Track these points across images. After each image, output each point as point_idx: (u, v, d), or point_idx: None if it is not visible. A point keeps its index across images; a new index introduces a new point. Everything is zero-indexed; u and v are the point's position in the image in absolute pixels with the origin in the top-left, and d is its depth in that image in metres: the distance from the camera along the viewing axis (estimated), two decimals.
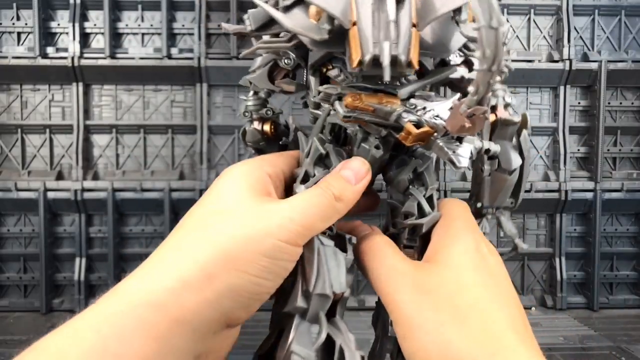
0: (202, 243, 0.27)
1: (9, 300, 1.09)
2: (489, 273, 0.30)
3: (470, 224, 0.33)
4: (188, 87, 1.10)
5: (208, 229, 0.28)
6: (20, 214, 1.10)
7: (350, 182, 0.32)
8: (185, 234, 0.29)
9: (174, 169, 1.11)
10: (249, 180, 0.31)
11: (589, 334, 0.97)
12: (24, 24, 1.08)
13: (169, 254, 0.28)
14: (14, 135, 1.10)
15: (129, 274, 0.28)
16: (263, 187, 0.31)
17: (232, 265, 0.26)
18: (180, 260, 0.27)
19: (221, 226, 0.28)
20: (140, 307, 0.24)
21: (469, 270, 0.29)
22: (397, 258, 0.32)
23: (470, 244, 0.31)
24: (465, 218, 0.34)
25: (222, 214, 0.29)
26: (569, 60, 1.08)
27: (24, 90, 1.10)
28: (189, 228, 0.29)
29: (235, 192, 0.30)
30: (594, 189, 1.10)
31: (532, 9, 1.11)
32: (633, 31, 1.13)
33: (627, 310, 1.11)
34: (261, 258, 0.27)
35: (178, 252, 0.27)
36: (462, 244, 0.31)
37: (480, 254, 0.31)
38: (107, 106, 1.10)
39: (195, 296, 0.25)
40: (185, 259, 0.26)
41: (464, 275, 0.29)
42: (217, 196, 0.30)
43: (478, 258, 0.30)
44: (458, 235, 0.32)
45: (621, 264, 1.15)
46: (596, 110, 1.10)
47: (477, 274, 0.29)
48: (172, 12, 1.09)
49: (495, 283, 0.30)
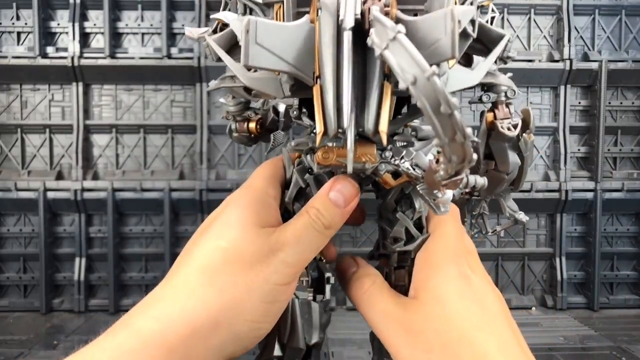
0: (211, 290, 0.28)
1: (9, 300, 1.09)
2: (474, 298, 0.30)
3: (450, 243, 0.32)
4: (188, 87, 1.10)
5: (217, 275, 0.29)
6: (20, 214, 1.10)
7: (339, 206, 0.30)
8: (196, 272, 0.29)
9: (173, 169, 1.11)
10: (254, 207, 0.31)
11: (589, 334, 0.97)
12: (24, 23, 1.08)
13: (181, 293, 0.29)
14: (14, 135, 1.10)
15: (140, 302, 0.29)
16: (268, 214, 0.32)
17: (237, 314, 0.28)
18: (191, 305, 0.28)
19: (229, 274, 0.29)
20: (154, 349, 0.26)
21: (453, 300, 0.29)
22: (387, 301, 0.31)
23: (451, 271, 0.30)
24: (446, 237, 0.33)
25: (228, 253, 0.29)
26: (569, 60, 1.08)
27: (24, 90, 1.10)
28: (198, 265, 0.29)
29: (241, 225, 0.30)
30: (595, 189, 1.10)
31: (532, 9, 1.11)
32: (633, 31, 1.13)
33: (627, 310, 1.11)
34: (260, 304, 0.29)
35: (191, 296, 0.28)
36: (442, 274, 0.30)
37: (463, 279, 0.30)
38: (107, 106, 1.10)
39: (202, 344, 0.27)
40: (195, 305, 0.28)
41: (449, 307, 0.29)
42: (223, 229, 0.31)
43: (461, 284, 0.30)
44: (438, 265, 0.31)
45: (621, 264, 1.15)
46: (596, 110, 1.10)
47: (461, 302, 0.29)
48: (172, 11, 1.09)
49: (482, 308, 0.29)
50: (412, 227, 0.35)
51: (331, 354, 0.85)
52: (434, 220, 0.34)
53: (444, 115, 0.19)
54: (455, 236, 0.33)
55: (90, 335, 0.28)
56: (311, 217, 0.30)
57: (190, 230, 1.08)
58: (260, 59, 0.24)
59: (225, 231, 0.30)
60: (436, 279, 0.30)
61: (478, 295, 0.30)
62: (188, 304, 0.28)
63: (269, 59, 0.25)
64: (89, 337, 0.28)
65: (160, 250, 1.08)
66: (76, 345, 0.28)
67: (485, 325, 0.29)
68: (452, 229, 0.33)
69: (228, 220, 0.31)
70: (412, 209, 0.35)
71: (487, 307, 0.30)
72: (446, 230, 0.33)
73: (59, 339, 0.91)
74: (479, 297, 0.30)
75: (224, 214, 0.32)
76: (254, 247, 0.29)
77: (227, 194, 1.19)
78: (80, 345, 0.27)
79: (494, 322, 0.29)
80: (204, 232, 0.31)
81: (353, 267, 0.35)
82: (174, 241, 1.08)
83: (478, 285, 0.30)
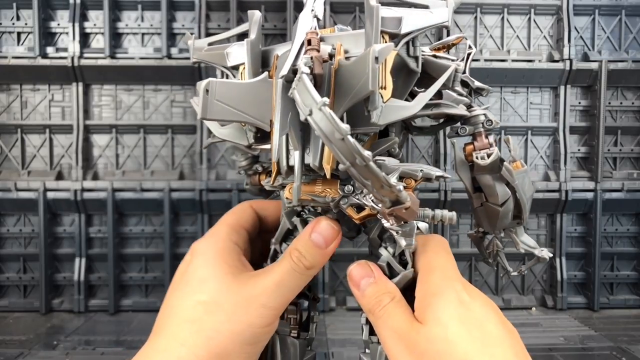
0: (199, 339, 0.31)
1: (9, 301, 1.09)
2: (475, 323, 0.30)
3: (447, 273, 0.33)
4: (188, 87, 1.10)
5: (202, 326, 0.31)
6: (20, 214, 1.10)
7: (320, 247, 0.32)
8: (182, 325, 0.32)
9: (173, 169, 1.11)
10: (222, 258, 0.34)
11: (590, 334, 0.97)
12: (24, 23, 1.08)
13: (173, 344, 0.31)
14: (14, 135, 1.10)
15: (137, 356, 0.32)
16: (236, 260, 0.34)
17: (224, 358, 0.31)
18: (184, 353, 0.31)
19: (211, 323, 0.31)
20: None
21: (454, 325, 0.30)
22: (397, 319, 0.32)
23: (450, 296, 0.31)
24: (442, 268, 0.33)
25: (209, 306, 0.32)
26: (569, 60, 1.08)
27: (24, 90, 1.10)
28: (183, 318, 0.32)
29: (215, 277, 0.33)
30: (595, 189, 1.10)
31: (532, 9, 1.11)
32: (633, 31, 1.13)
33: (627, 311, 1.11)
34: (244, 347, 0.31)
35: (182, 345, 0.31)
36: (442, 300, 0.31)
37: (462, 305, 0.31)
38: (106, 106, 1.10)
39: None
40: (188, 353, 0.31)
41: (451, 331, 0.30)
42: (200, 284, 0.33)
43: (461, 309, 0.31)
44: (437, 292, 0.32)
45: (621, 264, 1.15)
46: (596, 110, 1.10)
47: (462, 327, 0.30)
48: (172, 12, 1.09)
49: (483, 333, 0.30)
50: (393, 263, 0.35)
51: (331, 354, 0.85)
52: (429, 253, 0.35)
53: (338, 140, 0.22)
54: (451, 267, 0.34)
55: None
56: (293, 261, 0.32)
57: (190, 230, 1.08)
58: (218, 113, 0.28)
59: (203, 286, 0.33)
60: (437, 305, 0.31)
61: (479, 321, 0.30)
62: (181, 352, 0.30)
63: (226, 112, 0.29)
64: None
65: (160, 250, 1.08)
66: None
67: (487, 349, 0.29)
68: (447, 261, 0.34)
69: (202, 275, 0.33)
70: (394, 245, 0.35)
71: (489, 331, 0.30)
72: (441, 262, 0.34)
73: (59, 340, 0.90)
74: (480, 322, 0.30)
75: (196, 268, 0.34)
76: (233, 296, 0.32)
77: (227, 194, 1.19)
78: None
79: (495, 346, 0.29)
80: (179, 288, 0.34)
81: (370, 276, 0.35)
82: (174, 241, 1.08)
83: (478, 311, 0.31)
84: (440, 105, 0.36)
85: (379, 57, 0.25)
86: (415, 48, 0.33)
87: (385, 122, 0.30)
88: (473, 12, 1.11)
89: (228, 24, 1.08)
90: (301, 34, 0.30)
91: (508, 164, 0.38)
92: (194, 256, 0.35)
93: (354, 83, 0.27)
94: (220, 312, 0.31)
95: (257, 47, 0.33)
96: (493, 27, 1.12)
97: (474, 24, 1.11)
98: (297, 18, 0.33)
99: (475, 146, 0.38)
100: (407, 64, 0.33)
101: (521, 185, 0.38)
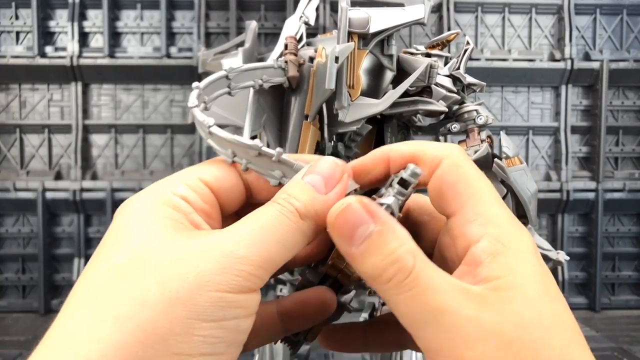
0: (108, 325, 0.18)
1: (8, 301, 1.08)
2: (556, 297, 0.20)
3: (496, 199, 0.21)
4: (187, 86, 1.09)
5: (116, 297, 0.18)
6: (19, 214, 1.09)
7: (319, 191, 0.21)
8: (85, 309, 0.19)
9: (173, 169, 1.10)
10: (159, 211, 0.21)
11: (591, 334, 0.96)
12: (23, 23, 1.08)
13: (73, 344, 0.18)
14: (13, 135, 1.09)
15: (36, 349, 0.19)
16: (180, 217, 0.21)
17: (158, 349, 0.17)
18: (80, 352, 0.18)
19: (132, 293, 0.18)
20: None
21: (544, 300, 0.19)
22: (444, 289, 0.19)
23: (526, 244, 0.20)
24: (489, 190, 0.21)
25: (131, 269, 0.19)
26: (570, 59, 1.07)
27: (23, 89, 1.09)
28: (88, 296, 0.19)
29: (144, 233, 0.20)
30: (596, 189, 1.09)
31: (533, 8, 1.11)
32: (635, 30, 1.12)
33: (628, 311, 1.11)
34: (198, 325, 0.18)
35: (78, 345, 0.18)
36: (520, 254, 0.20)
37: (540, 263, 0.20)
38: (106, 106, 1.10)
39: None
40: (86, 348, 0.17)
41: (545, 313, 0.19)
42: (120, 244, 0.20)
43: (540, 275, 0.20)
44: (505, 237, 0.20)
45: (623, 264, 1.14)
46: (598, 110, 1.10)
47: (550, 305, 0.19)
48: (171, 11, 1.09)
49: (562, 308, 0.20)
50: None
51: (331, 354, 0.84)
52: (452, 159, 0.22)
53: (207, 134, 0.23)
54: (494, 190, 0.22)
55: None
56: (279, 203, 0.21)
57: None
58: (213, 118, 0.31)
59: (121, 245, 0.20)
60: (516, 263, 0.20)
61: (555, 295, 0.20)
62: (75, 348, 0.17)
63: (217, 118, 0.30)
64: None
65: None
66: None
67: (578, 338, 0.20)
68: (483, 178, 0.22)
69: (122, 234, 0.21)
70: None
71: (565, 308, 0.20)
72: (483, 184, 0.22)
73: None
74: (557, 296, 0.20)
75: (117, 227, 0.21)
76: (171, 250, 0.20)
77: None
78: None
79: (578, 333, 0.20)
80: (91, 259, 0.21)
81: (366, 222, 0.20)
82: None
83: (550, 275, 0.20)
84: (417, 102, 0.35)
85: (339, 57, 0.26)
86: (390, 47, 0.34)
87: (352, 119, 0.31)
88: (474, 12, 1.11)
89: (227, 23, 1.08)
90: (282, 39, 0.31)
91: (500, 161, 0.36)
92: (118, 213, 0.22)
93: (322, 84, 0.29)
94: (148, 274, 0.19)
95: (251, 55, 0.35)
96: (494, 26, 1.12)
97: (475, 23, 1.11)
98: None
99: (467, 143, 0.37)
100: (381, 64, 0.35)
101: (519, 182, 0.36)
